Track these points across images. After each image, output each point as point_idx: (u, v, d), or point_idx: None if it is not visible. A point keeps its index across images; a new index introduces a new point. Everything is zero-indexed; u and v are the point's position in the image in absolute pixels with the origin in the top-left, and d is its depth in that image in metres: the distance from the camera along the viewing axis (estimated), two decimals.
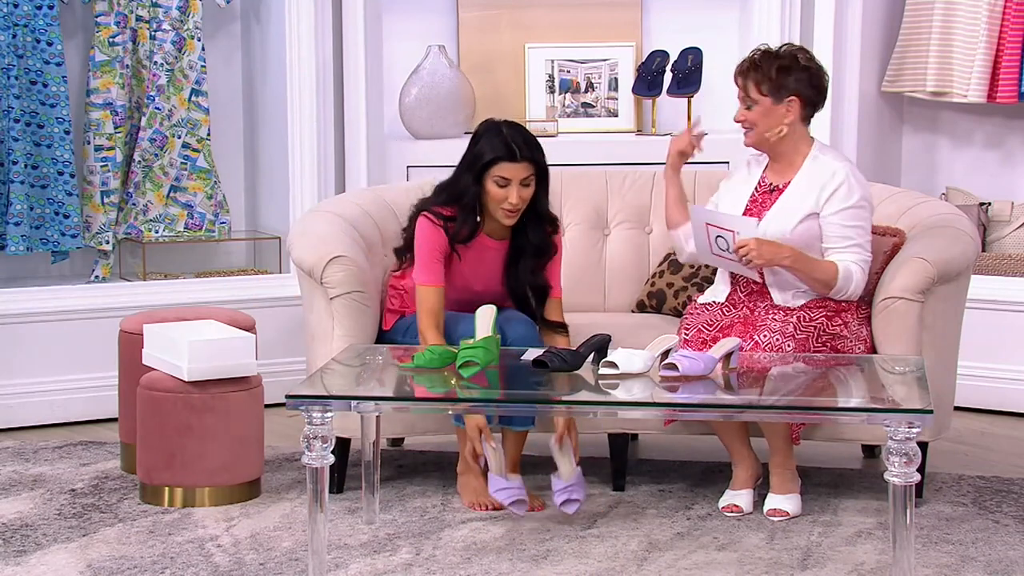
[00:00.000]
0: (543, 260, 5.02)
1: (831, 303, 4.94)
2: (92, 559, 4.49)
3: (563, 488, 4.80)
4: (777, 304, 4.97)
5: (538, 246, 4.99)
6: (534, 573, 4.39)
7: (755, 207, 5.06)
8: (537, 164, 4.90)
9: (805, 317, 4.87)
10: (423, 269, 4.90)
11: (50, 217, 6.24)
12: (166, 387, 4.96)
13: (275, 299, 6.32)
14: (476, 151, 4.90)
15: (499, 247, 5.01)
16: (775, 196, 5.05)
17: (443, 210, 4.94)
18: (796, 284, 4.97)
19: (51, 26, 6.16)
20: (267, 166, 6.67)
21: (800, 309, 4.91)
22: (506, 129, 4.92)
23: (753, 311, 4.99)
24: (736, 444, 4.98)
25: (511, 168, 4.85)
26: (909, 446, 4.06)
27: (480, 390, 4.46)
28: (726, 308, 5.03)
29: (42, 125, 6.21)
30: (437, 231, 4.92)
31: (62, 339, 6.06)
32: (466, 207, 4.91)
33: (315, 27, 6.34)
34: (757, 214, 5.02)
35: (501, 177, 4.86)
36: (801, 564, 4.47)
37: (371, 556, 4.52)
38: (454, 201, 4.94)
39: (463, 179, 4.92)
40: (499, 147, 4.87)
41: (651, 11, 6.84)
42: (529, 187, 4.89)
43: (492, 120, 4.98)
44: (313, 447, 4.22)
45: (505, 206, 4.87)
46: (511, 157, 4.86)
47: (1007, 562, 4.46)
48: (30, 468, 5.41)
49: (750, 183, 5.13)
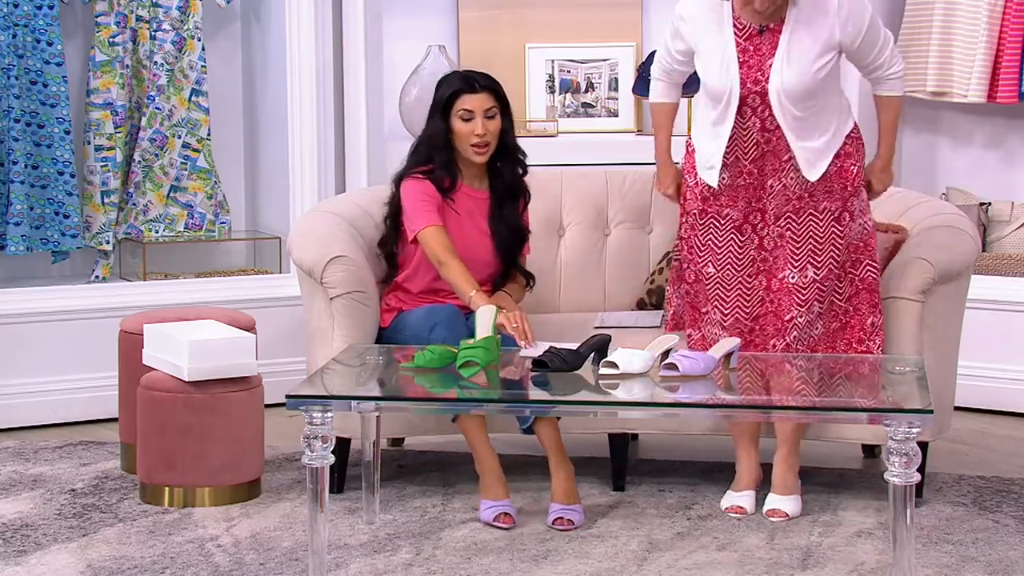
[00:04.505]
0: (519, 201, 5.16)
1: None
2: (92, 559, 4.49)
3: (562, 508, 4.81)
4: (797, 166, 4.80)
5: (513, 184, 5.13)
6: (534, 573, 4.39)
7: (749, 57, 4.78)
8: (497, 94, 5.07)
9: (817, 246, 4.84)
10: (418, 215, 4.99)
11: (50, 217, 6.24)
12: (166, 387, 4.96)
13: (275, 299, 6.32)
14: (438, 95, 5.09)
15: (482, 198, 5.11)
16: (771, 39, 4.78)
17: (422, 168, 5.07)
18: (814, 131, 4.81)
19: (51, 26, 6.16)
20: (267, 166, 6.67)
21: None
22: (461, 70, 5.22)
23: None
24: (746, 442, 4.98)
25: (472, 99, 5.02)
26: (909, 446, 4.06)
27: (480, 390, 4.46)
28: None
29: (42, 125, 6.21)
30: (424, 182, 5.06)
31: (62, 339, 6.06)
32: (438, 147, 5.06)
33: (315, 27, 6.34)
34: (757, 63, 4.77)
35: (464, 110, 5.02)
36: (801, 564, 4.47)
37: (371, 556, 4.52)
38: (427, 148, 5.08)
39: (431, 124, 5.09)
40: (457, 82, 5.08)
41: (651, 11, 6.84)
42: (494, 119, 5.04)
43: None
44: (313, 447, 4.22)
45: (473, 140, 5.02)
46: (470, 88, 5.03)
47: (1007, 562, 4.46)
48: (30, 468, 5.42)
49: (723, 29, 4.81)
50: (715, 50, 4.81)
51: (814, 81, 4.76)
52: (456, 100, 5.03)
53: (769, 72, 4.76)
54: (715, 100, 4.81)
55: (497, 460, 4.85)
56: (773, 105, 4.76)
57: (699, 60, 4.86)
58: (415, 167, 5.08)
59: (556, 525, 4.73)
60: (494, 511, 4.76)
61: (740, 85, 4.76)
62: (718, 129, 4.82)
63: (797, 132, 4.78)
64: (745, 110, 4.79)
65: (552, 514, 4.76)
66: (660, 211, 5.66)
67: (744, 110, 4.79)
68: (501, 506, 4.77)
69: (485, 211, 5.11)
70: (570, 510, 4.77)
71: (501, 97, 5.08)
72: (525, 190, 5.18)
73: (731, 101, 4.78)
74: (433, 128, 5.07)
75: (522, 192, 5.17)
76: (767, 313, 4.90)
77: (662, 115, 5.08)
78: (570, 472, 4.83)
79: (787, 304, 4.85)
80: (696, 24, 4.85)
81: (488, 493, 4.81)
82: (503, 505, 4.78)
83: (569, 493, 4.80)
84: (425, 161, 5.08)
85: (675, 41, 4.92)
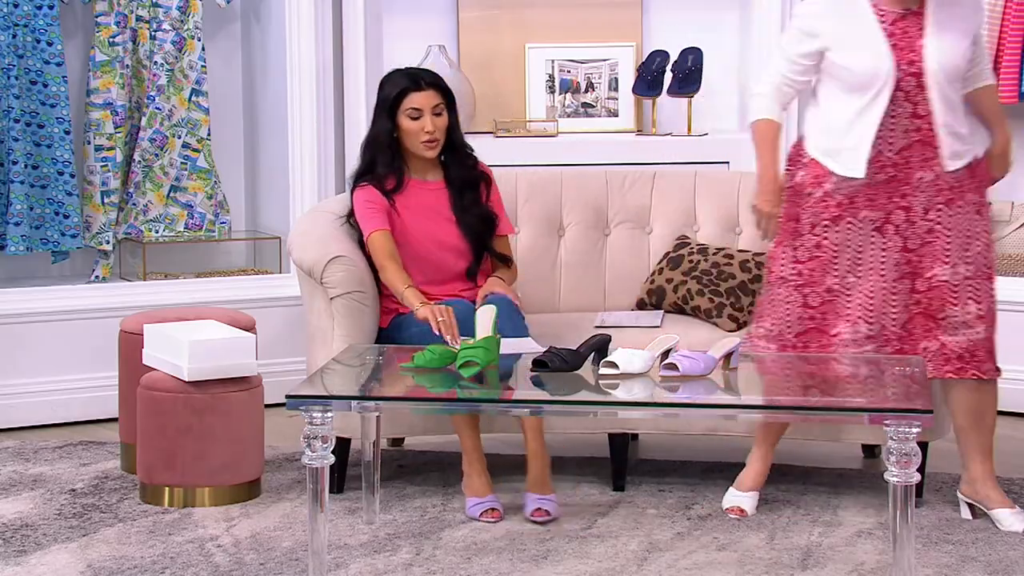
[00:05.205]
0: (479, 188, 5.17)
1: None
2: (92, 559, 4.49)
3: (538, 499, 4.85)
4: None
5: (467, 176, 5.15)
6: (534, 573, 4.39)
7: (898, 40, 4.62)
8: (442, 90, 5.10)
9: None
10: (365, 221, 5.06)
11: (50, 217, 6.24)
12: (166, 387, 4.96)
13: (275, 299, 6.32)
14: (383, 95, 5.11)
15: (436, 188, 5.14)
16: (916, 21, 4.66)
17: (368, 173, 5.11)
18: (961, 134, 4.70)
19: (51, 26, 6.16)
20: (267, 166, 6.67)
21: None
22: (404, 68, 5.20)
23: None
24: (768, 444, 4.95)
25: (419, 97, 5.05)
26: (909, 446, 4.06)
27: (480, 390, 4.46)
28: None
29: (42, 125, 6.21)
30: (368, 189, 5.10)
31: (62, 339, 6.06)
32: (383, 148, 5.09)
33: (315, 27, 6.34)
34: (908, 45, 4.62)
35: (413, 109, 5.05)
36: (801, 564, 4.47)
37: (371, 556, 4.52)
38: (372, 150, 5.12)
39: (376, 124, 5.12)
40: (402, 81, 5.10)
41: (651, 11, 6.84)
42: (442, 116, 5.07)
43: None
44: (313, 447, 4.22)
45: (423, 137, 5.05)
46: (417, 86, 5.07)
47: (1007, 562, 4.46)
48: (30, 468, 5.41)
49: (863, 17, 4.67)
50: (860, 38, 4.65)
51: (964, 60, 4.66)
52: (403, 99, 5.05)
53: (922, 52, 4.62)
54: (864, 88, 4.63)
55: (484, 459, 4.90)
56: (929, 86, 4.61)
57: (840, 52, 4.67)
58: (361, 173, 5.13)
59: (534, 516, 4.78)
60: (481, 507, 4.81)
61: (895, 68, 4.61)
62: (866, 118, 4.64)
63: (948, 116, 4.64)
64: (898, 95, 4.62)
65: (529, 505, 4.82)
66: (660, 211, 5.66)
67: (896, 95, 4.62)
68: (488, 502, 4.83)
69: (445, 200, 5.14)
70: (546, 500, 4.83)
71: (446, 93, 5.11)
72: (484, 175, 5.20)
73: (885, 86, 4.61)
74: (378, 128, 5.10)
75: (480, 179, 5.19)
76: (915, 316, 4.75)
77: (768, 132, 4.82)
78: (547, 463, 4.88)
79: (939, 303, 4.72)
80: (830, 18, 4.70)
81: (473, 490, 4.87)
82: (489, 501, 4.84)
83: (544, 483, 4.86)
84: (369, 164, 5.12)
85: (802, 44, 4.73)
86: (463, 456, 4.91)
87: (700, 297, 5.41)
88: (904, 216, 4.71)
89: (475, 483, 4.87)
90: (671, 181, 5.74)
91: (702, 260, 5.48)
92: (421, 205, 5.11)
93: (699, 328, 5.29)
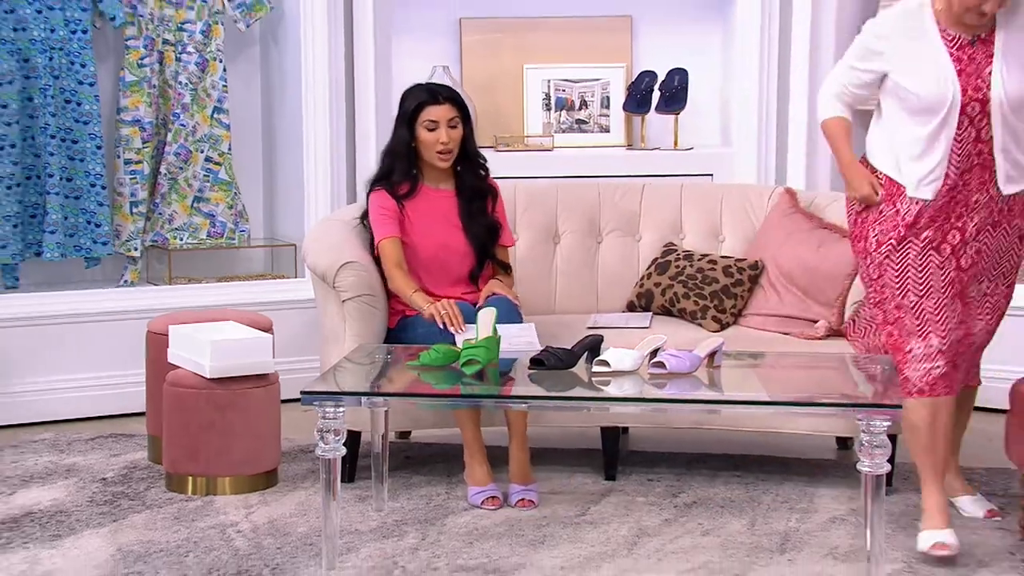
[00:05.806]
0: (487, 199, 5.17)
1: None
2: (122, 543, 4.49)
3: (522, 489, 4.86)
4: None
5: (477, 186, 5.15)
6: (532, 557, 4.38)
7: (965, 66, 4.39)
8: (458, 105, 5.10)
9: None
10: (377, 228, 5.07)
11: (83, 226, 6.24)
12: (190, 384, 4.95)
13: (291, 302, 6.32)
14: (403, 107, 5.12)
15: (446, 196, 5.13)
16: (984, 49, 4.40)
17: (384, 179, 5.12)
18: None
19: (84, 49, 6.16)
20: (284, 178, 6.67)
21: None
22: (424, 83, 5.24)
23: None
24: (935, 477, 4.49)
25: (436, 110, 5.05)
26: (879, 438, 4.06)
27: (481, 386, 4.46)
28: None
29: (76, 141, 6.21)
30: (381, 194, 5.10)
31: (94, 339, 6.06)
32: (401, 156, 5.09)
33: (329, 49, 6.34)
34: (975, 71, 4.37)
35: (429, 121, 5.05)
36: (780, 548, 4.47)
37: (380, 541, 4.52)
38: (390, 158, 5.12)
39: (397, 134, 5.12)
40: (421, 94, 5.11)
41: (640, 35, 6.84)
42: (457, 128, 5.07)
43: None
44: (326, 439, 4.22)
45: (438, 148, 5.06)
46: (434, 100, 5.07)
47: (969, 545, 4.46)
48: (64, 458, 5.41)
49: (931, 41, 4.43)
50: (926, 61, 4.40)
51: None
52: (421, 111, 5.06)
53: (989, 80, 4.37)
54: (930, 113, 4.38)
55: (484, 450, 4.90)
56: (993, 113, 4.36)
57: (904, 75, 4.41)
58: (379, 178, 5.14)
59: (520, 506, 4.80)
60: (482, 495, 4.81)
61: (961, 93, 4.36)
62: (935, 144, 4.39)
63: (1009, 142, 4.41)
64: (963, 119, 4.36)
65: (514, 495, 4.83)
66: (649, 220, 5.66)
67: (962, 120, 4.37)
68: (488, 490, 4.83)
69: (454, 207, 5.14)
70: (528, 490, 4.85)
71: (462, 107, 5.11)
72: (491, 189, 5.20)
73: (952, 112, 4.36)
74: (398, 138, 5.11)
75: (488, 191, 5.19)
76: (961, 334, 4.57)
77: (840, 128, 4.56)
78: (527, 455, 4.90)
79: (975, 314, 4.57)
80: (896, 40, 4.44)
81: (475, 479, 4.87)
82: (490, 489, 4.83)
83: (525, 474, 4.88)
84: (387, 170, 5.12)
85: (866, 62, 4.48)
86: (465, 448, 4.90)
87: (686, 300, 5.41)
88: (959, 237, 4.47)
89: (476, 473, 4.87)
90: (659, 192, 5.74)
91: (688, 265, 5.48)
92: (431, 211, 5.11)
93: (685, 329, 5.28)
